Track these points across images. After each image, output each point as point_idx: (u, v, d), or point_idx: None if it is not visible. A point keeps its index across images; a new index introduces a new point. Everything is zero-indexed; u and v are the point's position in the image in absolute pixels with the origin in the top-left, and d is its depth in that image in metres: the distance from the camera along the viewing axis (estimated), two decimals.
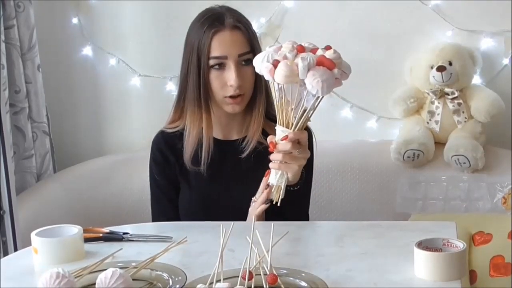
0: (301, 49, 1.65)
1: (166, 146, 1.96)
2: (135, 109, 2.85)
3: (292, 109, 1.65)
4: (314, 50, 1.66)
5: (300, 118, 1.66)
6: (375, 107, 2.65)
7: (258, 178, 1.83)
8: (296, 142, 1.68)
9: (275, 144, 1.68)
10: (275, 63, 1.62)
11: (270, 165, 1.71)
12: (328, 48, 1.67)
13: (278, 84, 1.63)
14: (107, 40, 2.81)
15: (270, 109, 1.92)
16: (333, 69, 1.61)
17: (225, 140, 1.97)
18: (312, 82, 1.58)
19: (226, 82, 1.86)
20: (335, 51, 1.64)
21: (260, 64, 1.66)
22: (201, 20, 1.90)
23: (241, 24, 1.88)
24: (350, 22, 2.59)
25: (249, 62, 1.85)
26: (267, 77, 1.65)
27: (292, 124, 1.66)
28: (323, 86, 1.58)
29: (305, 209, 1.95)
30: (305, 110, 1.65)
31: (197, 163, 1.91)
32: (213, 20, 1.87)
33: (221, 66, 1.86)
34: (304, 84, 1.60)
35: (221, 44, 1.86)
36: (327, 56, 1.62)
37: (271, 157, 1.70)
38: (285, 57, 1.63)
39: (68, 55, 2.84)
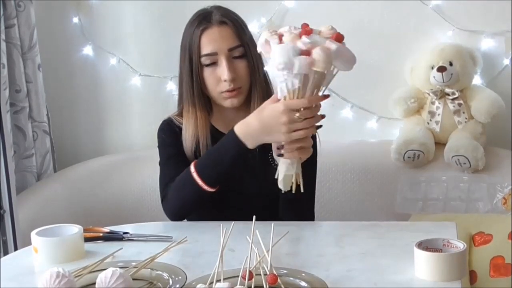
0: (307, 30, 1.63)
1: (178, 129, 1.95)
2: (135, 109, 2.85)
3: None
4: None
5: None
6: (375, 107, 2.65)
7: (264, 172, 1.83)
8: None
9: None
10: (306, 52, 1.58)
11: (286, 155, 1.68)
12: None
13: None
14: (108, 40, 2.81)
15: None
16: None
17: None
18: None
19: (219, 77, 1.88)
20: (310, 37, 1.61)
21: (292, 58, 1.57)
22: (192, 20, 1.93)
23: (228, 19, 1.90)
24: (350, 22, 2.59)
25: (240, 56, 1.88)
26: (304, 69, 1.57)
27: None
28: None
29: (309, 207, 1.94)
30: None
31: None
32: (201, 19, 1.90)
33: (213, 63, 1.88)
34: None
35: (210, 41, 1.87)
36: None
37: (286, 149, 1.68)
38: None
39: (69, 55, 2.84)
